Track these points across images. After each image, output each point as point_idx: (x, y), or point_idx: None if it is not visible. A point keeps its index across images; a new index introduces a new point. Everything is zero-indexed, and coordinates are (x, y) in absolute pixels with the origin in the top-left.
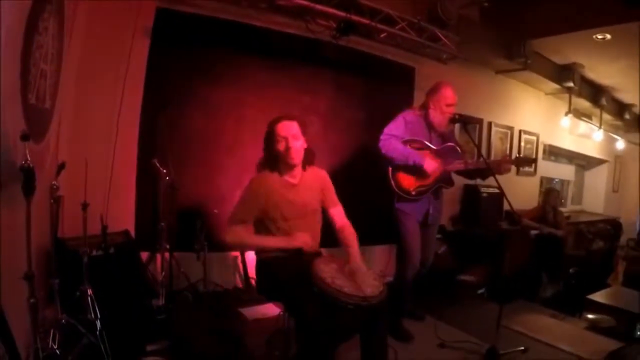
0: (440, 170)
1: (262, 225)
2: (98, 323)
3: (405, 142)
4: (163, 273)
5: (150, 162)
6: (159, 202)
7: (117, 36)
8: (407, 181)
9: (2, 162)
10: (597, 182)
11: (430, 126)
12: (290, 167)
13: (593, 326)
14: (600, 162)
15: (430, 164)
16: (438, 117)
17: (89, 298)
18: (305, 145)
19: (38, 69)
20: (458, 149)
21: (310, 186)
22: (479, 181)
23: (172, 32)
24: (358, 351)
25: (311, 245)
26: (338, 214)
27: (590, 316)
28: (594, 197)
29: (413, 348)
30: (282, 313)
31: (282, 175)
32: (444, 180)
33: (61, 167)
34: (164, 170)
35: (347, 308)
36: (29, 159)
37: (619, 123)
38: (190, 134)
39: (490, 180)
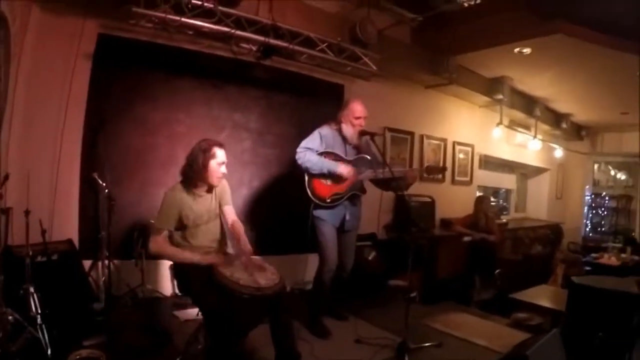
0: (353, 178)
1: (177, 232)
2: (39, 318)
3: (320, 154)
4: (104, 279)
5: (91, 176)
6: (100, 213)
7: (61, 60)
8: (323, 189)
9: None
10: (540, 189)
11: (344, 139)
12: (210, 186)
13: (518, 324)
14: (542, 170)
15: (345, 168)
16: (349, 130)
17: (30, 296)
18: None
19: None
20: (369, 159)
21: (214, 195)
22: (409, 191)
23: (112, 56)
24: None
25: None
26: (230, 211)
27: (518, 315)
28: (538, 204)
29: (330, 344)
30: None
31: (194, 188)
32: (357, 188)
33: (5, 177)
34: (103, 184)
35: (243, 298)
36: None
37: (557, 132)
38: (127, 150)
39: (421, 190)
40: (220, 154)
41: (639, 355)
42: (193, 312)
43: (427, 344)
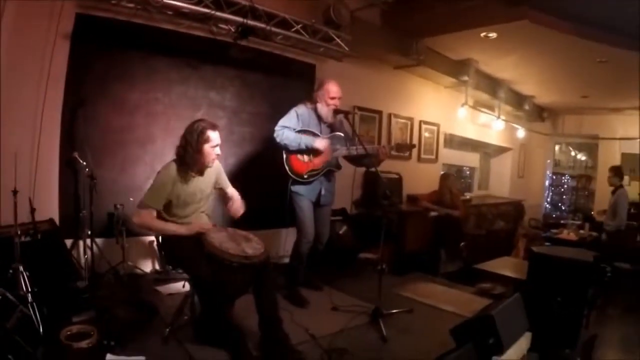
0: (329, 151)
1: (167, 209)
2: (29, 296)
3: (297, 132)
4: (86, 257)
5: (71, 156)
6: (80, 192)
7: (39, 41)
8: (300, 166)
9: None
10: (503, 168)
11: (319, 118)
12: (203, 168)
13: (483, 293)
14: (504, 149)
15: (321, 142)
16: (324, 109)
17: (20, 274)
18: None
19: None
20: (343, 136)
21: (207, 176)
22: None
23: (91, 35)
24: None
25: (209, 225)
26: (233, 191)
27: (482, 285)
28: (500, 183)
29: (308, 312)
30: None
31: (188, 169)
32: (332, 164)
33: None
34: (84, 163)
35: (232, 266)
36: None
37: (520, 113)
38: (106, 129)
39: (389, 167)
40: (214, 137)
41: (595, 320)
42: (174, 286)
43: (399, 310)
